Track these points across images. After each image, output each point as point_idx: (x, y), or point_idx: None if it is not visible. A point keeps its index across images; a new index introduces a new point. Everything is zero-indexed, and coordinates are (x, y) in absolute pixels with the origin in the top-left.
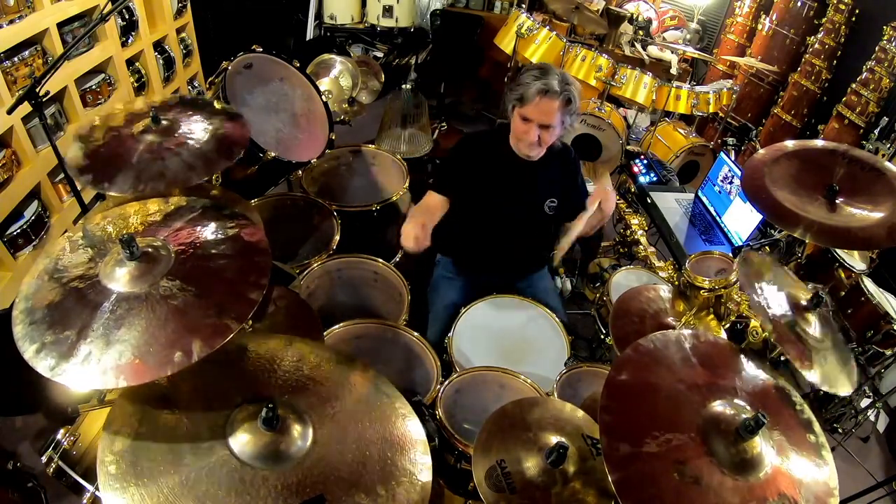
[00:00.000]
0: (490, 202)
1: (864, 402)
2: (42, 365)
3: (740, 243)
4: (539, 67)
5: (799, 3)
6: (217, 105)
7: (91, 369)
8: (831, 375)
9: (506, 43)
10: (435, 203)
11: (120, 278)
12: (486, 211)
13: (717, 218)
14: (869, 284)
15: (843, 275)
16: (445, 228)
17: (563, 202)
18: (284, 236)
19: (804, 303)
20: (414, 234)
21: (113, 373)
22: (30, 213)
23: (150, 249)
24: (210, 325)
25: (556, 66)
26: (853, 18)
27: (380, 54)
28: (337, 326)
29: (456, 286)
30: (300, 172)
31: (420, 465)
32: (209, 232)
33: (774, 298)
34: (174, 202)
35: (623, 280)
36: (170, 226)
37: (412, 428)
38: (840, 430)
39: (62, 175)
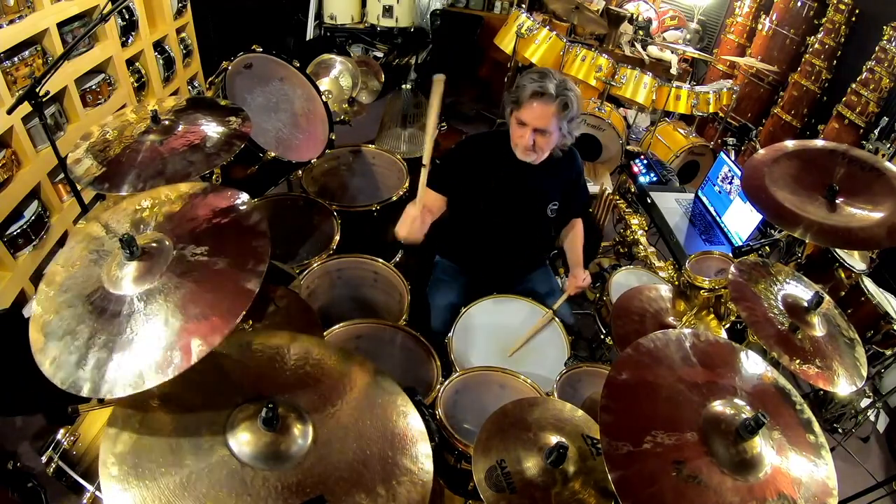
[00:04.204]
0: (491, 204)
1: (864, 402)
2: (58, 378)
3: (740, 243)
4: (538, 72)
5: (799, 3)
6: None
7: (102, 378)
8: (851, 370)
9: (506, 43)
10: (431, 200)
11: (124, 281)
12: (487, 213)
13: (717, 218)
14: (869, 284)
15: (843, 275)
16: (444, 230)
17: (564, 204)
18: (284, 236)
19: (805, 305)
20: (411, 219)
21: (124, 380)
22: (30, 213)
23: (153, 245)
24: (211, 319)
25: (556, 70)
26: (853, 18)
27: (380, 54)
28: (337, 326)
29: (455, 287)
30: (300, 172)
31: (421, 463)
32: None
33: (774, 307)
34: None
35: (623, 280)
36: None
37: (413, 426)
38: (840, 430)
39: (62, 175)
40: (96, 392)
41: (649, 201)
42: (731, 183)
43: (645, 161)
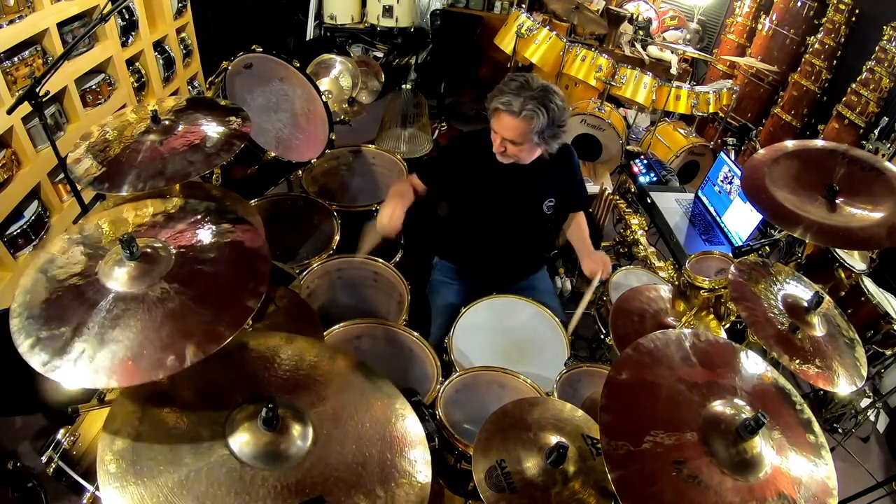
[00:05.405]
0: (486, 200)
1: (864, 402)
2: (35, 360)
3: (740, 243)
4: (516, 81)
5: (799, 3)
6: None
7: (83, 368)
8: (851, 370)
9: (506, 43)
10: (415, 182)
11: (119, 278)
12: (483, 213)
13: (717, 218)
14: (869, 284)
15: (843, 275)
16: (442, 231)
17: (561, 200)
18: (284, 236)
19: (805, 305)
20: (388, 214)
21: (105, 372)
22: (30, 213)
23: (149, 250)
24: (205, 331)
25: (537, 78)
26: (853, 18)
27: (380, 54)
28: (337, 326)
29: (454, 289)
30: (300, 172)
31: (419, 466)
32: (210, 235)
33: (774, 307)
34: (176, 203)
35: (623, 280)
36: (172, 227)
37: (412, 428)
38: (840, 430)
39: (62, 175)
40: (76, 381)
41: (649, 201)
42: (731, 183)
43: (645, 161)
